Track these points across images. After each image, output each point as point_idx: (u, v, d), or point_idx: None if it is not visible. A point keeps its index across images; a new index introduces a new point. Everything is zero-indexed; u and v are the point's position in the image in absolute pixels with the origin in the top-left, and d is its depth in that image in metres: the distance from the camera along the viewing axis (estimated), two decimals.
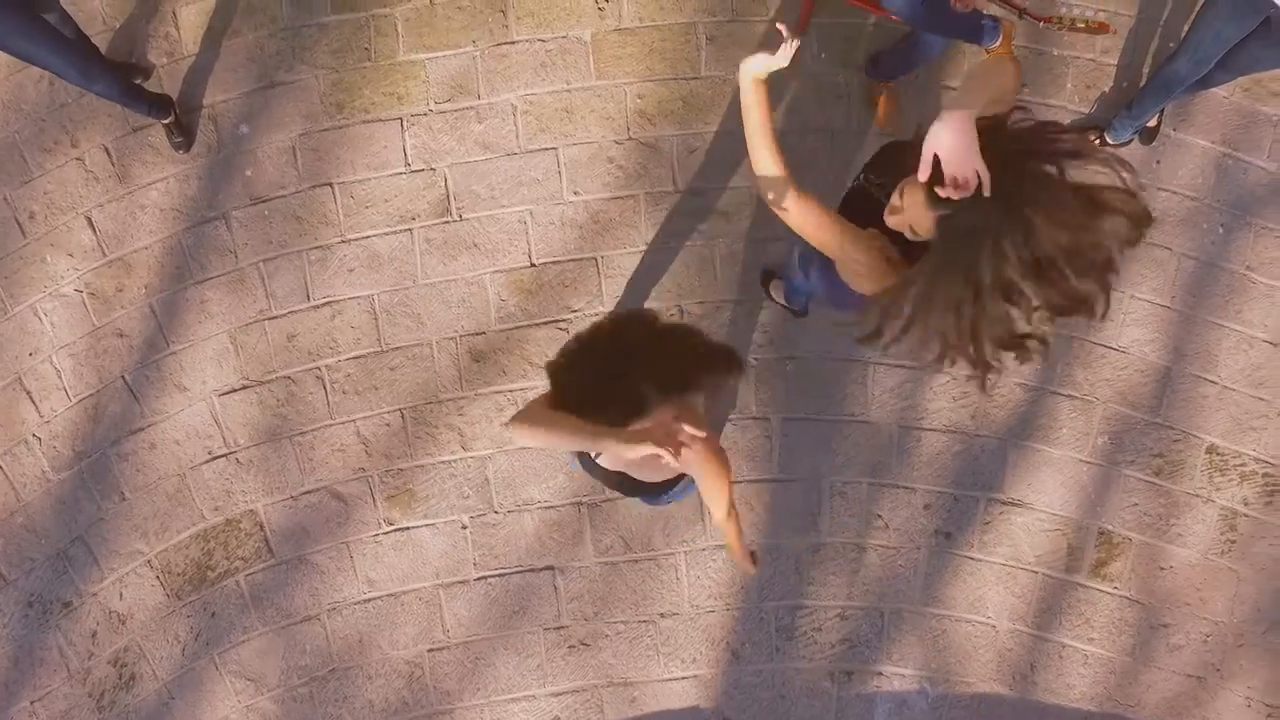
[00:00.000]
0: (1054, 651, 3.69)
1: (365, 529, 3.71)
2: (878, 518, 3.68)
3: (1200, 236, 3.75)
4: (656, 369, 2.02)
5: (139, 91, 3.59)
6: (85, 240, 3.77)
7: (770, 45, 2.24)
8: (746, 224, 3.74)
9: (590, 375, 2.06)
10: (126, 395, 3.74)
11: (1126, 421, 3.71)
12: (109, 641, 3.70)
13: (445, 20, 3.82)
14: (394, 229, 3.77)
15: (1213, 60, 3.17)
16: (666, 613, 3.68)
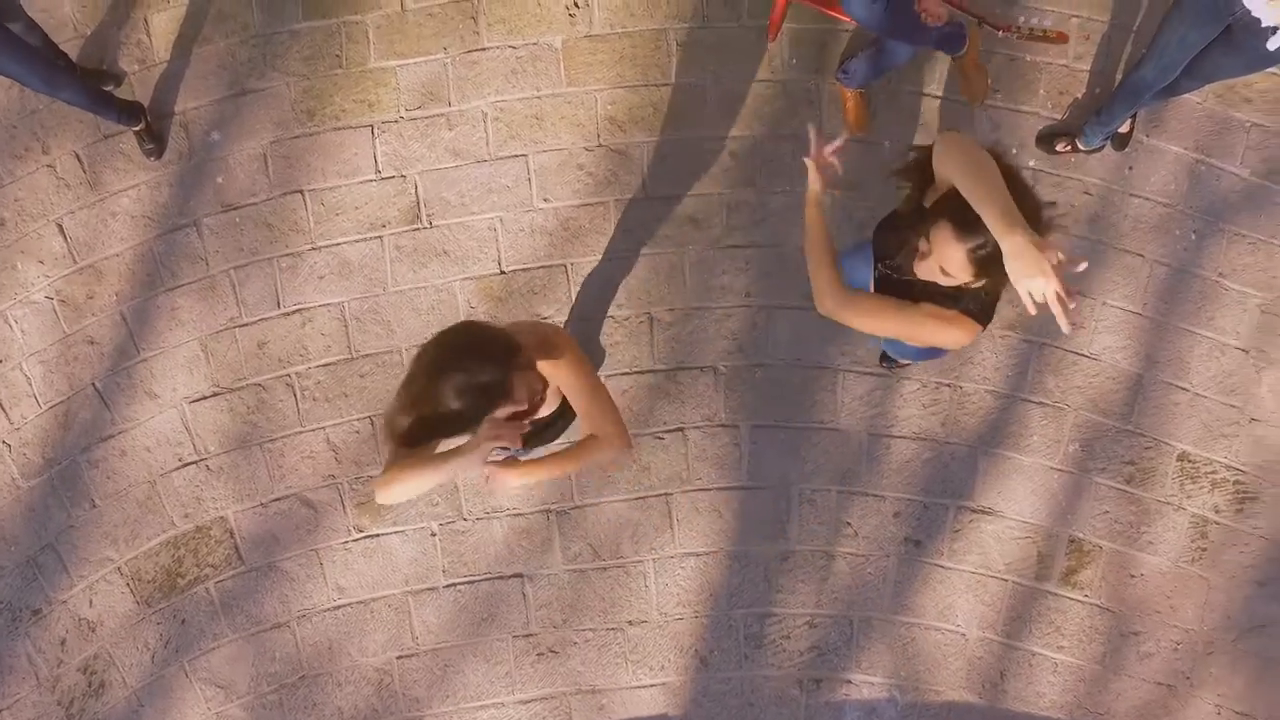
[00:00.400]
0: (1024, 659, 3.68)
1: (335, 536, 3.72)
2: (847, 525, 3.67)
3: (1173, 243, 3.74)
4: (463, 377, 2.04)
5: (108, 99, 3.60)
6: (56, 247, 3.78)
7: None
8: (717, 231, 3.73)
9: (416, 412, 2.09)
10: (97, 402, 3.74)
11: (1098, 429, 3.70)
12: (78, 649, 3.71)
13: (416, 27, 3.82)
14: (364, 236, 3.77)
15: (1178, 67, 3.16)
16: (635, 620, 3.68)
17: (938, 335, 2.26)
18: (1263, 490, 3.68)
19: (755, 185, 3.73)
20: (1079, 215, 3.73)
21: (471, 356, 2.07)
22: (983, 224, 1.95)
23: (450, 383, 2.04)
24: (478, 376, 2.05)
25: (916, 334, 2.27)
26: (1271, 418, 3.69)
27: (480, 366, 2.05)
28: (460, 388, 2.04)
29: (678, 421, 3.69)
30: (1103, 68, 3.79)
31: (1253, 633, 3.67)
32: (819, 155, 2.37)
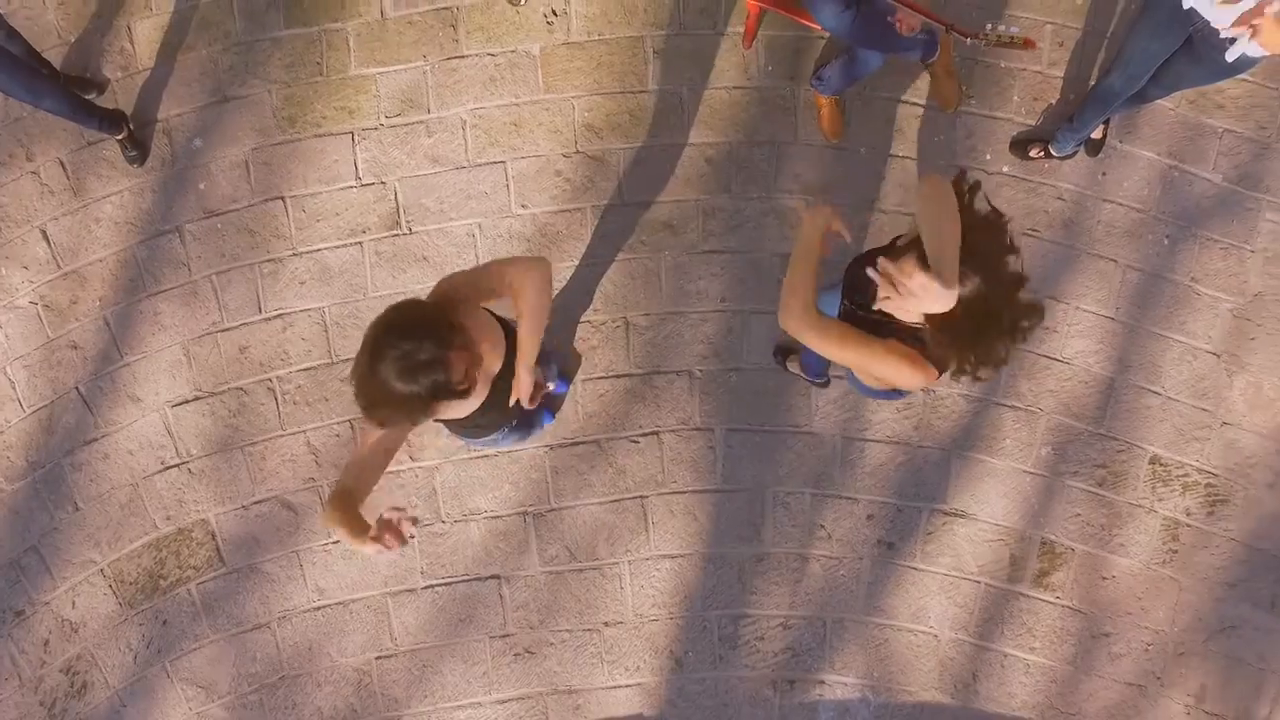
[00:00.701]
0: (996, 660, 3.72)
1: (315, 538, 3.76)
2: (820, 528, 3.71)
3: (1145, 248, 3.77)
4: (400, 356, 2.10)
5: (90, 107, 3.64)
6: (40, 253, 3.82)
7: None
8: (692, 236, 3.77)
9: (365, 396, 2.16)
10: (80, 406, 3.79)
11: (1070, 432, 3.74)
12: (61, 650, 3.75)
13: (396, 35, 3.86)
14: (345, 242, 3.81)
15: (1144, 76, 3.19)
16: (611, 621, 3.72)
17: (895, 371, 2.27)
18: (1234, 493, 3.71)
19: (730, 191, 3.77)
20: (1052, 220, 3.77)
21: (408, 335, 2.11)
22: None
23: (389, 362, 2.09)
24: (415, 355, 2.09)
25: (875, 366, 2.28)
26: (1243, 421, 3.72)
27: (418, 345, 2.10)
28: (400, 367, 2.08)
29: (653, 425, 3.73)
30: (1077, 74, 3.82)
31: (1223, 634, 3.70)
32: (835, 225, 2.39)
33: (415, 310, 2.22)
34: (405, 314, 2.20)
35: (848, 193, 3.77)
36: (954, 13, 3.79)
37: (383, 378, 2.10)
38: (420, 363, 2.09)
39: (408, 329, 2.12)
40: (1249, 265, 3.75)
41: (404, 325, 2.14)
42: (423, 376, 2.10)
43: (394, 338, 2.11)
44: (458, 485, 3.74)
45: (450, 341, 2.15)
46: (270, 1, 3.88)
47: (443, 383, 2.13)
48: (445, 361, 2.12)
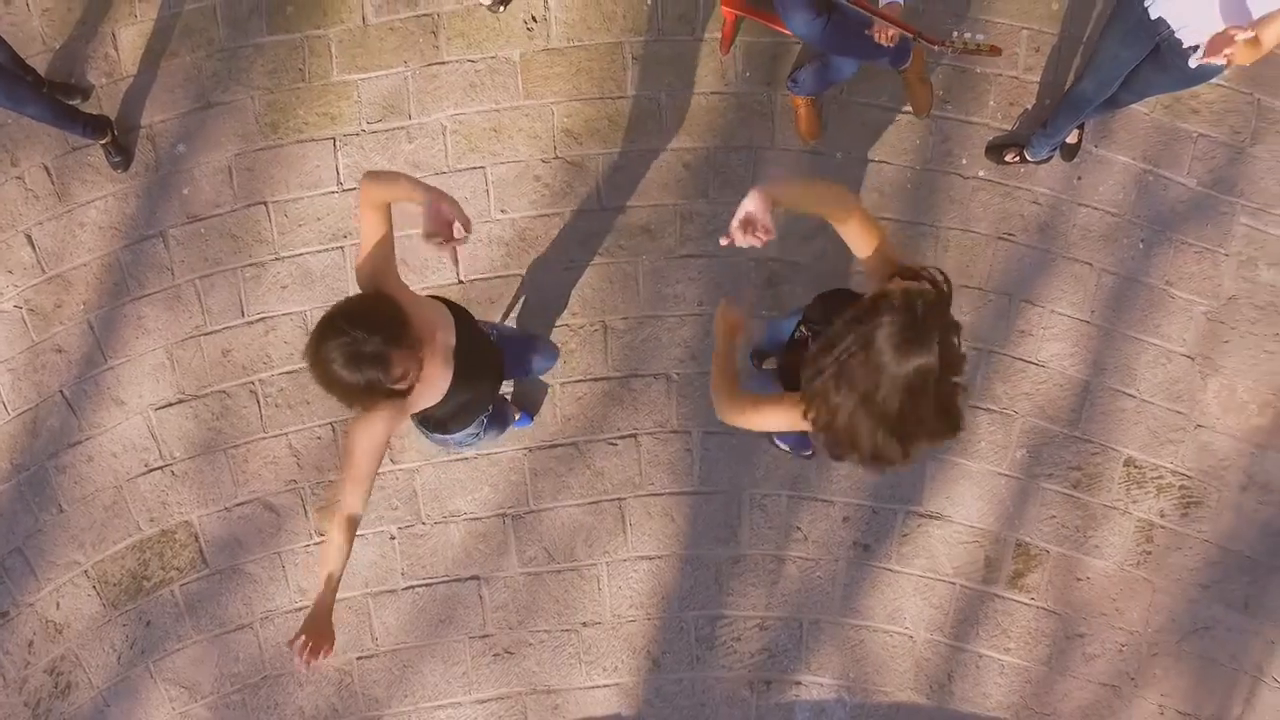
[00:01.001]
0: (971, 661, 3.75)
1: (297, 539, 3.80)
2: (797, 530, 3.75)
3: (1120, 252, 3.80)
4: (347, 342, 2.15)
5: (74, 113, 3.68)
6: (25, 257, 3.86)
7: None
8: (670, 241, 3.80)
9: (316, 373, 2.21)
10: (64, 409, 3.83)
11: (1045, 435, 3.77)
12: (45, 651, 3.79)
13: (378, 41, 3.89)
14: (326, 246, 3.85)
15: (1114, 82, 3.22)
16: (589, 622, 3.76)
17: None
18: (1207, 495, 3.74)
19: (708, 196, 3.80)
20: (1028, 224, 3.80)
21: (359, 324, 2.14)
22: (924, 338, 1.87)
23: (336, 346, 2.12)
24: (361, 345, 2.12)
25: (791, 421, 2.19)
26: (1216, 424, 3.75)
27: (366, 336, 2.13)
28: (345, 354, 2.12)
29: (631, 428, 3.77)
30: (1053, 79, 3.85)
31: (1196, 634, 3.73)
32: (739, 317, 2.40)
33: (374, 303, 2.26)
34: (364, 304, 2.24)
35: None
36: (930, 19, 3.83)
37: (327, 359, 2.14)
38: (364, 354, 2.13)
39: (361, 318, 2.16)
40: (1223, 269, 3.78)
41: (360, 314, 2.17)
42: (366, 368, 2.14)
43: (345, 323, 2.14)
44: (438, 487, 3.78)
45: (399, 339, 2.18)
46: (253, 8, 3.92)
47: (379, 380, 2.17)
48: (387, 358, 2.15)
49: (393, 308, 2.26)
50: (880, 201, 3.80)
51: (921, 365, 1.84)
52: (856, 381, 1.88)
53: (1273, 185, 3.79)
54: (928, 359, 1.84)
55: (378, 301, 2.28)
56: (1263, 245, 3.78)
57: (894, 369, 1.84)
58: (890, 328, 1.83)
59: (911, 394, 1.87)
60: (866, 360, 1.86)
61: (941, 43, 2.97)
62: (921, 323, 1.83)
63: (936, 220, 3.80)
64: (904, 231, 3.79)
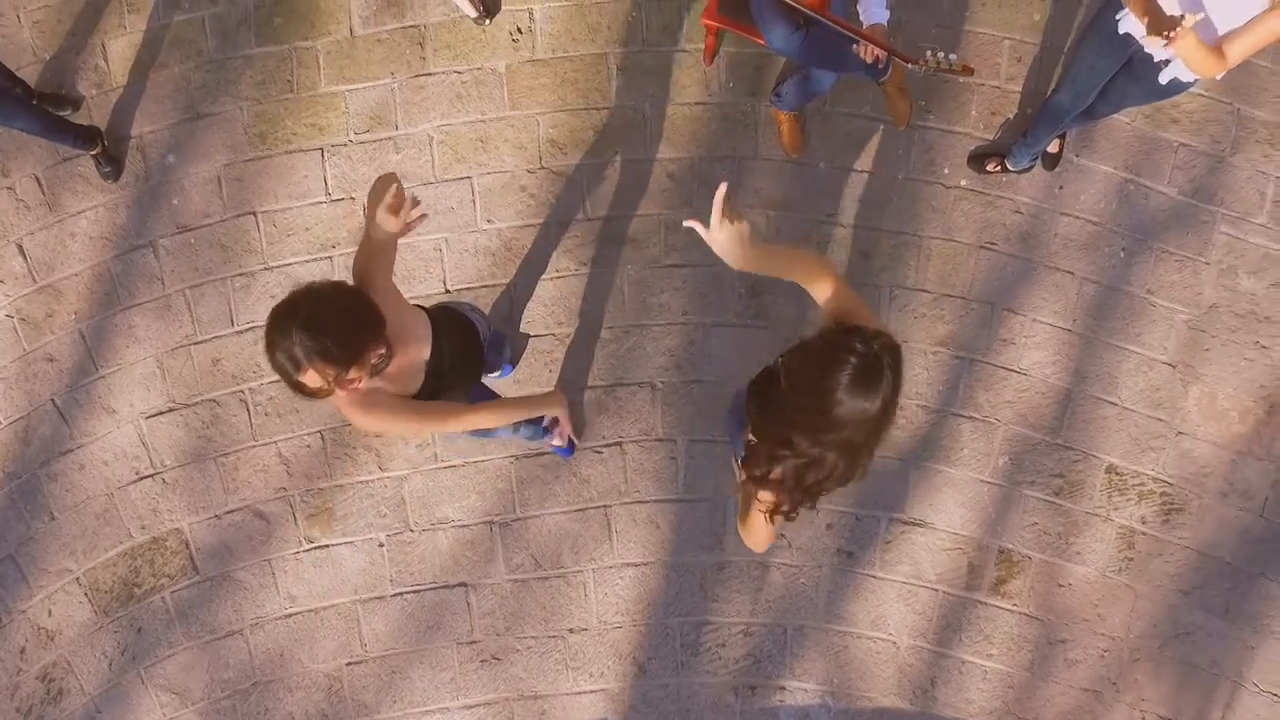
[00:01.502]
0: (954, 667, 3.78)
1: (286, 547, 3.84)
2: (781, 536, 3.78)
3: (1102, 260, 3.83)
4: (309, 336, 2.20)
5: (64, 124, 3.71)
6: (16, 267, 3.90)
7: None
8: (655, 250, 3.84)
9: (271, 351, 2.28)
10: (56, 418, 3.87)
11: (1027, 442, 3.80)
12: (37, 657, 3.83)
13: (365, 53, 3.93)
14: (315, 256, 3.88)
15: (1091, 93, 3.25)
16: (575, 628, 3.79)
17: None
18: (1188, 502, 3.77)
19: (692, 206, 3.83)
20: (1010, 234, 3.83)
21: (307, 325, 2.17)
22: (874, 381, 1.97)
23: (287, 337, 2.17)
24: (293, 349, 2.17)
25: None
26: (1197, 431, 3.79)
27: (310, 339, 2.17)
28: (305, 343, 2.15)
29: (616, 436, 3.80)
30: (1034, 89, 3.88)
31: (1177, 640, 3.76)
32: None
33: (337, 303, 2.26)
34: (325, 304, 2.24)
35: (807, 207, 3.84)
36: (914, 29, 3.86)
37: (273, 341, 2.20)
38: (294, 357, 2.17)
39: (313, 319, 2.18)
40: (1203, 277, 3.81)
41: (315, 315, 2.19)
42: (289, 366, 2.19)
43: (300, 323, 2.17)
44: (426, 495, 3.81)
45: (337, 357, 2.18)
46: (242, 20, 3.96)
47: (295, 383, 2.23)
48: (299, 367, 2.18)
49: (350, 315, 2.26)
50: (863, 211, 3.84)
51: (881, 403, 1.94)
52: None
53: (1252, 194, 3.82)
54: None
55: (344, 312, 2.27)
56: (1243, 254, 3.81)
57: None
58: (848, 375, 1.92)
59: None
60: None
61: (914, 61, 3.00)
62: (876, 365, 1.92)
63: (919, 229, 3.83)
64: (886, 241, 3.83)
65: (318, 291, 2.27)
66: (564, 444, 3.61)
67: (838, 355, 1.93)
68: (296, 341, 2.16)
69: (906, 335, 3.80)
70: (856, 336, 1.93)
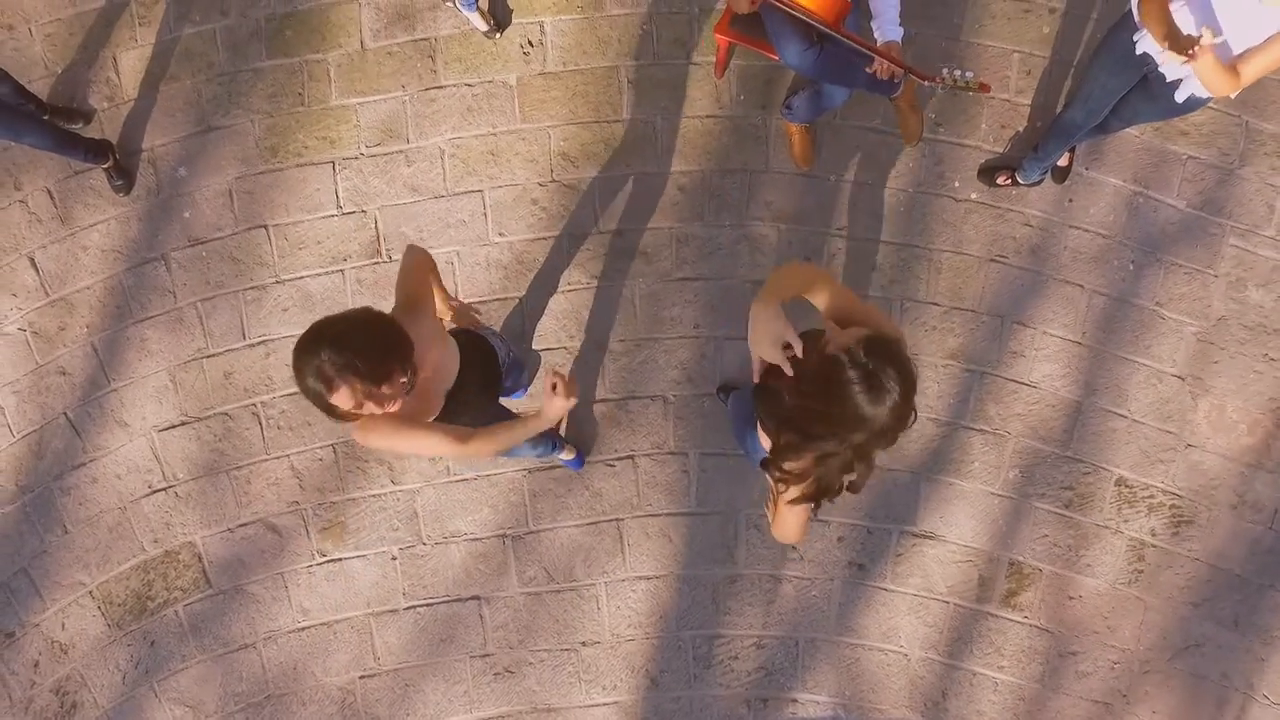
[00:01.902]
0: (965, 679, 3.80)
1: (299, 560, 3.84)
2: (793, 550, 3.79)
3: (1111, 273, 3.84)
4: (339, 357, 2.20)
5: (75, 139, 3.71)
6: (28, 280, 3.90)
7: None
8: (666, 264, 3.84)
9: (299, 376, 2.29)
10: (69, 431, 3.87)
11: (1037, 455, 3.81)
12: (51, 671, 3.84)
13: (376, 66, 3.93)
14: (327, 269, 3.89)
15: (1103, 110, 3.26)
16: (588, 641, 3.80)
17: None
18: (1198, 514, 3.79)
19: (704, 219, 3.84)
20: (1020, 247, 3.84)
21: (341, 346, 2.16)
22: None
23: (315, 356, 2.16)
24: (324, 368, 2.17)
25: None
26: (1207, 443, 3.80)
27: (339, 358, 2.16)
28: (335, 360, 2.15)
29: (628, 449, 3.81)
30: (1044, 102, 3.89)
31: (1187, 652, 3.78)
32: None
33: (366, 330, 2.25)
34: (356, 326, 2.24)
35: (818, 220, 3.85)
36: (923, 43, 3.87)
37: (300, 363, 2.20)
38: (325, 375, 2.17)
39: (347, 341, 2.18)
40: (1213, 290, 3.82)
41: (343, 335, 2.19)
42: (320, 386, 2.20)
43: (328, 343, 2.17)
44: (438, 508, 3.82)
45: (364, 373, 2.19)
46: (253, 32, 3.96)
47: (327, 405, 2.24)
48: (331, 384, 2.19)
49: (378, 335, 2.26)
50: (874, 224, 3.85)
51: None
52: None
53: (1261, 206, 3.83)
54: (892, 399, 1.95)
55: (370, 334, 2.26)
56: (1251, 266, 3.83)
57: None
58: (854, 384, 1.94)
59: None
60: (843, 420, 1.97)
61: (931, 79, 3.01)
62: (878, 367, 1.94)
63: (929, 243, 3.84)
64: (897, 254, 3.84)
65: (345, 315, 2.27)
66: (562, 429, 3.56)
67: (838, 384, 1.94)
68: (326, 360, 2.16)
69: (917, 348, 3.81)
70: (847, 358, 1.93)
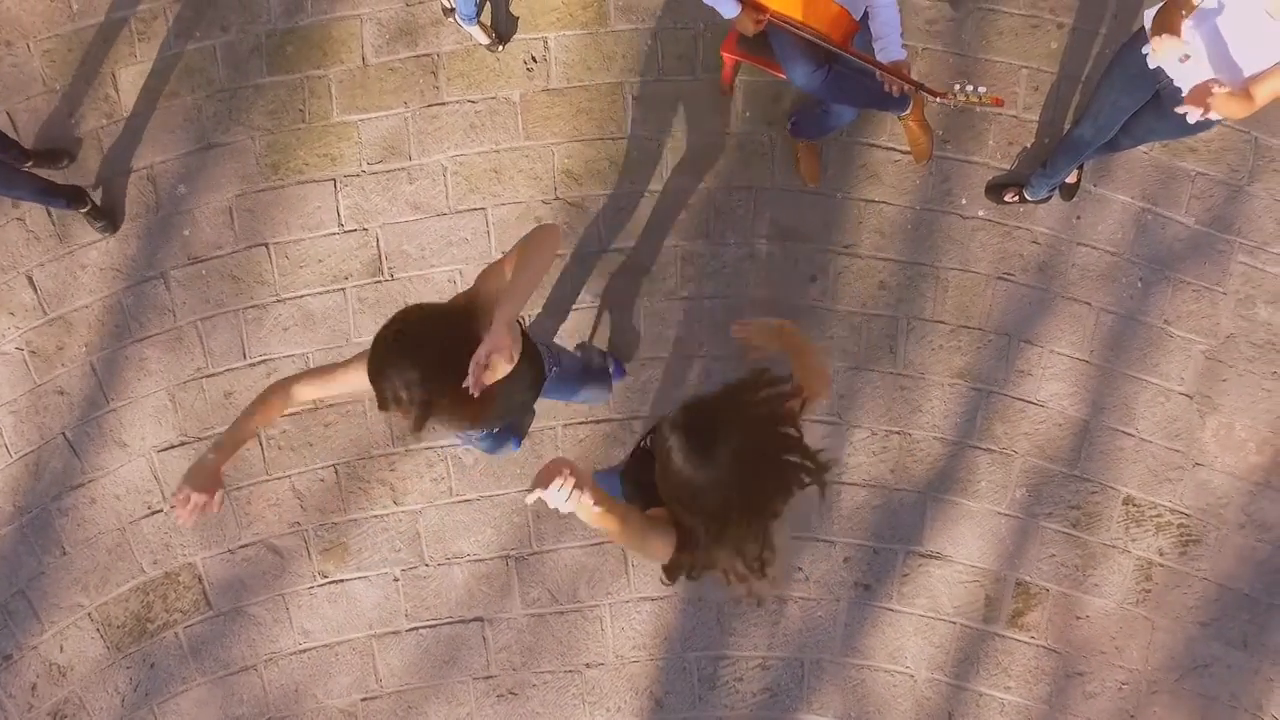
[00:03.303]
0: (971, 700, 3.77)
1: (300, 581, 3.81)
2: (798, 570, 3.76)
3: (1119, 291, 3.82)
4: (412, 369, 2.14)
5: (55, 188, 3.67)
6: (26, 299, 3.87)
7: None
8: (671, 283, 3.81)
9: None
10: (67, 451, 3.83)
11: (1044, 474, 3.79)
12: (49, 694, 3.80)
13: (378, 82, 3.90)
14: (328, 288, 3.85)
15: (1113, 127, 3.24)
16: (592, 663, 3.77)
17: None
18: (1206, 533, 3.77)
19: (709, 237, 3.81)
20: (1027, 264, 3.82)
21: (409, 352, 2.10)
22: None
23: (390, 378, 2.10)
24: (404, 389, 2.10)
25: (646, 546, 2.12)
26: (1215, 462, 3.78)
27: (414, 375, 2.09)
28: (393, 388, 2.10)
29: None
30: (1051, 118, 3.87)
31: (1196, 672, 3.76)
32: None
33: (458, 360, 2.12)
34: (432, 327, 2.17)
35: (824, 238, 3.82)
36: (930, 59, 3.84)
37: (380, 378, 2.14)
38: (399, 400, 2.12)
39: (433, 374, 2.10)
40: (1221, 307, 3.80)
41: (416, 340, 2.12)
42: (391, 404, 2.14)
43: (397, 359, 2.11)
44: (441, 529, 3.79)
45: (440, 410, 2.14)
46: (253, 48, 3.92)
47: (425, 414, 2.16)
48: (401, 409, 2.14)
49: (450, 340, 2.16)
50: (880, 242, 3.82)
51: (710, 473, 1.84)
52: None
53: (1270, 223, 3.81)
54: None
55: (435, 337, 2.16)
56: (1260, 283, 3.80)
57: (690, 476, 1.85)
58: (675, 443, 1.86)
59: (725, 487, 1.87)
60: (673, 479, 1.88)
61: (942, 95, 2.98)
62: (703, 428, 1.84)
63: (936, 260, 3.82)
64: (904, 272, 3.81)
65: (437, 331, 2.18)
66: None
67: (663, 446, 1.86)
68: (403, 389, 2.11)
69: (924, 367, 3.78)
70: (679, 413, 1.87)
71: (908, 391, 3.79)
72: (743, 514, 1.92)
